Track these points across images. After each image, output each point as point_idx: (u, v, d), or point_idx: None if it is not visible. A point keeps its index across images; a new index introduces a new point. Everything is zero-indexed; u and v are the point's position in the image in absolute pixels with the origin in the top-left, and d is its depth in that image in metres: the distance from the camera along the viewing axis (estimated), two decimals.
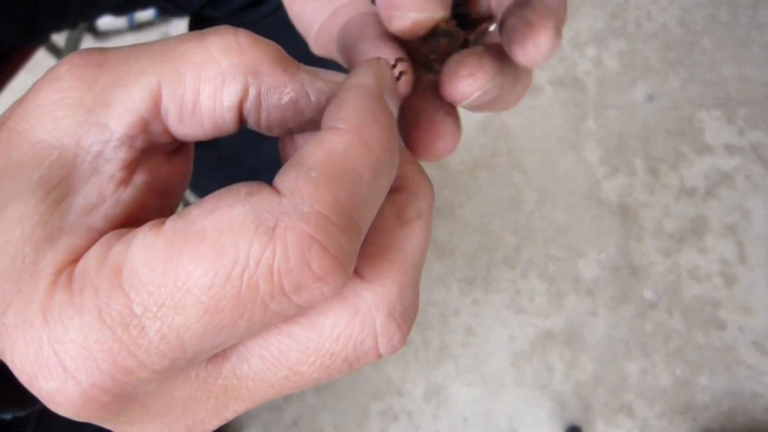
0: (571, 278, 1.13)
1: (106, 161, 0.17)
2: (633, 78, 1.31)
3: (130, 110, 0.17)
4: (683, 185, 1.21)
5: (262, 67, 0.18)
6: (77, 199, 0.17)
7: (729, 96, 1.29)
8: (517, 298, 1.11)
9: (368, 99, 0.17)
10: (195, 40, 0.18)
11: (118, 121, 0.17)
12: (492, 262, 1.14)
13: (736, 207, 1.19)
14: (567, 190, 1.20)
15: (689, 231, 1.17)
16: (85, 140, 0.17)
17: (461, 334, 1.09)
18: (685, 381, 1.05)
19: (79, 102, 0.17)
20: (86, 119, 0.17)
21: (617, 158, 1.23)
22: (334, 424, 1.04)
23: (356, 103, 0.17)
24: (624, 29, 1.36)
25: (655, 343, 1.08)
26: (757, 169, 1.22)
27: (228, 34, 0.18)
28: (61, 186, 0.17)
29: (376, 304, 0.17)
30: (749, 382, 1.05)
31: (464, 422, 1.03)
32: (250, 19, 0.64)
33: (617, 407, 1.04)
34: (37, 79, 0.18)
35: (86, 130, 0.17)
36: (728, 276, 1.13)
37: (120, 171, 0.17)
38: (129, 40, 1.35)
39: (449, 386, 1.05)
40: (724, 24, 1.36)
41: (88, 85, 0.17)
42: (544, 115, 1.27)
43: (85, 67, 0.17)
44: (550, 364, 1.07)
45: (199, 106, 0.18)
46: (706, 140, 1.25)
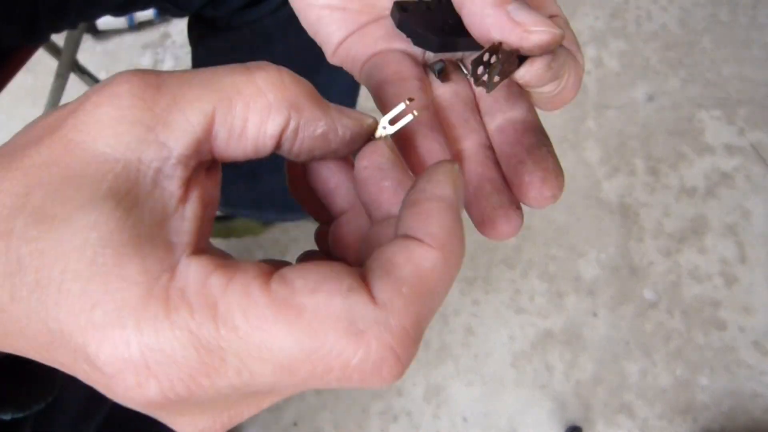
0: (571, 278, 1.13)
1: (165, 178, 0.19)
2: (633, 78, 1.31)
3: (187, 132, 0.19)
4: (683, 185, 1.21)
5: (302, 102, 0.20)
6: (145, 210, 0.18)
7: (729, 96, 1.29)
8: (517, 298, 1.11)
9: (451, 216, 0.19)
10: (243, 73, 0.20)
11: (177, 142, 0.19)
12: (492, 262, 1.14)
13: (736, 207, 1.19)
14: (567, 190, 1.19)
15: (689, 231, 1.17)
16: (146, 156, 0.18)
17: (461, 334, 1.09)
18: (685, 381, 1.05)
19: (139, 120, 0.18)
20: (147, 137, 0.18)
21: (617, 158, 1.23)
22: (334, 424, 1.04)
23: (441, 219, 0.19)
24: (624, 29, 1.36)
25: (655, 343, 1.08)
26: (757, 169, 1.22)
27: (272, 70, 0.20)
28: (129, 197, 0.18)
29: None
30: (749, 382, 1.05)
31: (464, 422, 1.03)
32: (250, 18, 0.64)
33: (617, 407, 1.04)
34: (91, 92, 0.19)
35: (147, 146, 0.18)
36: (728, 276, 1.13)
37: (179, 188, 0.19)
38: (129, 39, 1.35)
39: (449, 386, 1.05)
40: (724, 24, 1.36)
41: (148, 105, 0.18)
42: (544, 115, 1.26)
43: (146, 88, 0.19)
44: (550, 364, 1.07)
45: (245, 133, 0.20)
46: (706, 140, 1.25)
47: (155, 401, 0.17)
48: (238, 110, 0.19)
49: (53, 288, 0.17)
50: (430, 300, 0.18)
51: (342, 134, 0.22)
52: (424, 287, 0.18)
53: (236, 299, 0.17)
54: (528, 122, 0.27)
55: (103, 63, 1.33)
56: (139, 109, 0.18)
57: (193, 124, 0.19)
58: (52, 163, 0.18)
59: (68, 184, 0.18)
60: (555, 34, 0.23)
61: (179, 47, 1.35)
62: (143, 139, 0.18)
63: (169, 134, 0.19)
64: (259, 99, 0.20)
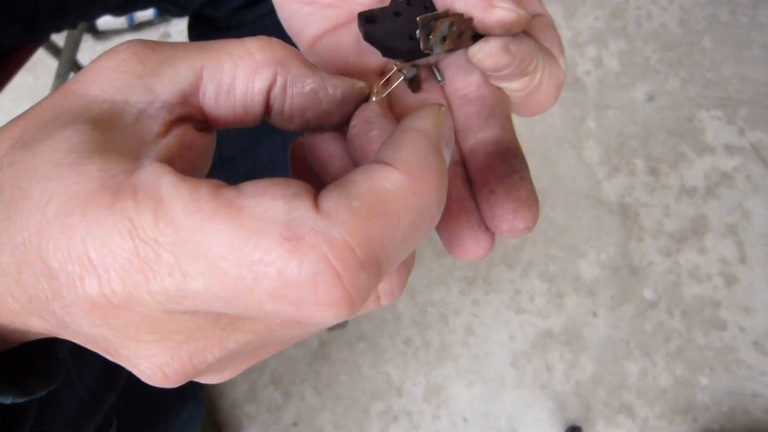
0: (571, 278, 1.13)
1: (147, 117, 0.20)
2: (633, 78, 1.31)
3: (174, 82, 0.20)
4: (683, 185, 1.21)
5: (289, 61, 0.21)
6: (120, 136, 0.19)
7: (729, 96, 1.29)
8: (517, 298, 1.11)
9: (427, 145, 0.18)
10: (234, 40, 0.21)
11: (163, 89, 0.20)
12: (492, 262, 1.14)
13: (736, 207, 1.19)
14: (567, 190, 1.20)
15: (689, 231, 1.17)
16: (132, 98, 0.20)
17: (461, 334, 1.09)
18: (685, 381, 1.05)
19: (131, 70, 0.20)
20: (136, 83, 0.20)
21: (617, 158, 1.23)
22: (334, 424, 1.04)
23: (414, 146, 0.18)
24: (624, 29, 1.36)
25: (655, 343, 1.08)
26: (757, 169, 1.22)
27: (263, 37, 0.21)
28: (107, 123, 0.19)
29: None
30: (749, 382, 1.05)
31: (464, 422, 1.03)
32: (250, 18, 0.64)
33: (617, 407, 1.04)
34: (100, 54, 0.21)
35: (135, 90, 0.20)
36: (728, 276, 1.13)
37: (160, 126, 0.20)
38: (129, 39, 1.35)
39: (449, 386, 1.05)
40: (724, 24, 1.36)
41: (141, 59, 0.20)
42: (544, 115, 1.26)
43: (142, 46, 0.20)
44: (550, 364, 1.07)
45: (233, 89, 0.21)
46: (706, 140, 1.25)
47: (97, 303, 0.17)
48: (226, 67, 0.21)
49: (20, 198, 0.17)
50: (388, 224, 0.16)
51: (332, 93, 0.22)
52: (381, 207, 0.16)
53: (181, 195, 0.16)
54: (502, 143, 0.25)
55: None
56: (134, 62, 0.20)
57: (181, 75, 0.20)
58: (47, 108, 0.20)
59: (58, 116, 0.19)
60: (520, 15, 0.22)
61: None
62: (132, 85, 0.20)
63: (156, 82, 0.20)
64: (246, 57, 0.21)
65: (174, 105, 0.20)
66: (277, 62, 0.21)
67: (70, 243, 0.16)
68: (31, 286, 0.18)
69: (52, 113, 0.19)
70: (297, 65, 0.21)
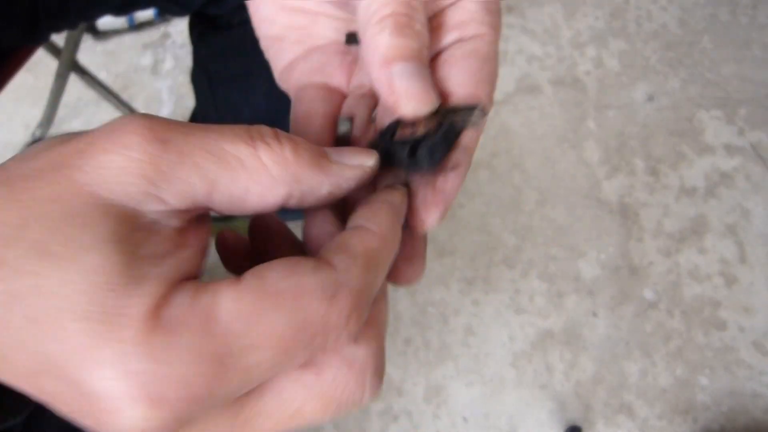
0: (571, 278, 1.13)
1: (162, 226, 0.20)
2: (633, 78, 1.31)
3: (187, 193, 0.20)
4: (683, 185, 1.21)
5: (303, 174, 0.22)
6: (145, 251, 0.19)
7: (729, 96, 1.29)
8: (517, 298, 1.11)
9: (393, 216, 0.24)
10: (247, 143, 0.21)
11: (176, 199, 0.20)
12: (492, 262, 1.14)
13: (736, 207, 1.19)
14: (567, 190, 1.20)
15: (689, 231, 1.17)
16: (144, 207, 0.19)
17: (461, 334, 1.09)
18: (685, 381, 1.05)
19: (144, 174, 0.19)
20: (148, 190, 0.19)
21: (617, 158, 1.23)
22: (334, 423, 1.04)
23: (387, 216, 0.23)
24: (624, 29, 1.36)
25: (655, 343, 1.08)
26: (757, 169, 1.22)
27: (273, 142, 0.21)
28: (129, 240, 0.19)
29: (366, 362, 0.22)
30: (749, 382, 1.05)
31: (464, 422, 1.03)
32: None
33: (617, 407, 1.04)
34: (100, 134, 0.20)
35: (147, 199, 0.19)
36: (728, 276, 1.13)
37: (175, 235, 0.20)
38: (129, 39, 1.35)
39: (449, 386, 1.05)
40: (724, 24, 1.36)
41: (153, 160, 0.19)
42: (544, 115, 1.27)
43: (153, 141, 0.20)
44: (550, 364, 1.07)
45: (246, 202, 0.21)
46: (706, 140, 1.25)
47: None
48: (241, 182, 0.21)
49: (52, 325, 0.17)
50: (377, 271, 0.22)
51: (347, 187, 0.24)
52: (372, 261, 0.22)
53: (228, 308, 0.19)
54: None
55: (103, 63, 1.33)
56: (145, 163, 0.19)
57: (194, 186, 0.20)
58: (53, 199, 0.19)
59: (69, 223, 0.18)
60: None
61: (179, 47, 1.35)
62: (145, 192, 0.19)
63: (169, 192, 0.20)
64: (262, 173, 0.21)
65: (185, 213, 0.21)
66: (293, 178, 0.22)
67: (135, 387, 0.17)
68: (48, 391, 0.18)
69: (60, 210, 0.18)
70: (311, 176, 0.22)
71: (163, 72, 1.32)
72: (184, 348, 0.18)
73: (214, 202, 0.21)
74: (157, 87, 1.31)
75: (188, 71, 0.91)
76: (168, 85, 1.31)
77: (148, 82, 1.31)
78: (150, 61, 1.34)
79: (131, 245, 0.19)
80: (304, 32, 0.31)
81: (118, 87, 1.28)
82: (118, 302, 0.18)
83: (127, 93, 1.29)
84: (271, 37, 0.31)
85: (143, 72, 1.32)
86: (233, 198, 0.21)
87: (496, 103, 1.27)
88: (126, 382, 0.17)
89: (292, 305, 0.19)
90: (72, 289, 0.17)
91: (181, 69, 1.32)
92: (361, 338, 0.22)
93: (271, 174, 0.21)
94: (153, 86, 1.31)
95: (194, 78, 0.80)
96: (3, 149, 1.24)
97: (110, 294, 0.18)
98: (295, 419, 0.21)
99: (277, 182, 0.21)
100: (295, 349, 0.19)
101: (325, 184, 0.23)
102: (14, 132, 1.25)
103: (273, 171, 0.21)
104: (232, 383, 0.18)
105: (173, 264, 0.20)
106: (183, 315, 0.18)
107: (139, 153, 0.19)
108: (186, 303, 0.18)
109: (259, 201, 0.21)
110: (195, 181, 0.20)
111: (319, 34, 0.31)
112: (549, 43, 1.35)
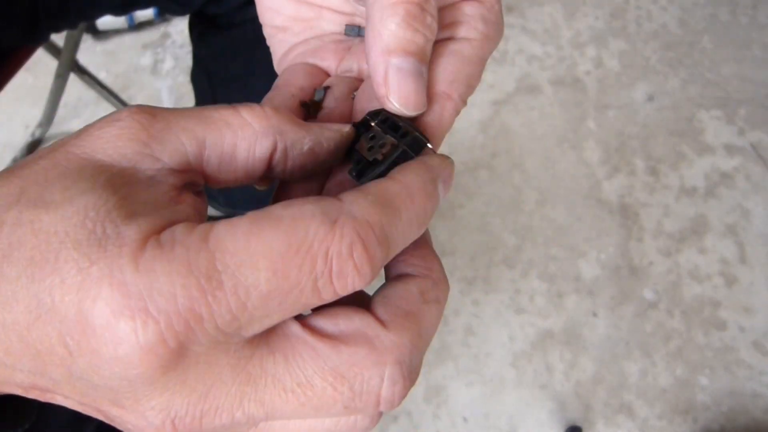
0: (571, 278, 1.13)
1: (158, 182, 0.20)
2: (633, 78, 1.31)
3: (180, 152, 0.21)
4: (683, 185, 1.21)
5: (285, 126, 0.23)
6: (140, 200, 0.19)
7: (729, 96, 1.29)
8: (517, 298, 1.11)
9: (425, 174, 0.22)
10: (230, 109, 0.22)
11: (169, 159, 0.21)
12: (492, 262, 1.14)
13: (736, 207, 1.19)
14: (567, 190, 1.20)
15: (689, 231, 1.17)
16: (140, 165, 0.20)
17: (461, 334, 1.09)
18: (685, 381, 1.05)
19: (136, 137, 0.20)
20: (143, 150, 0.20)
21: (617, 158, 1.23)
22: None
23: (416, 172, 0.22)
24: (624, 29, 1.36)
25: (655, 343, 1.08)
26: (757, 169, 1.22)
27: (255, 106, 0.23)
28: (124, 189, 0.19)
29: (390, 349, 0.20)
30: (749, 382, 1.05)
31: (464, 422, 1.03)
32: (251, 15, 0.64)
33: (617, 407, 1.04)
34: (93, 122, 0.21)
35: (142, 158, 0.20)
36: (728, 276, 1.13)
37: (172, 190, 0.21)
38: (129, 39, 1.35)
39: (449, 386, 1.05)
40: (724, 24, 1.36)
41: (144, 126, 0.20)
42: (544, 115, 1.27)
43: (141, 113, 0.21)
44: (550, 364, 1.07)
45: (235, 158, 0.22)
46: (706, 140, 1.25)
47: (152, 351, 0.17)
48: (228, 138, 0.22)
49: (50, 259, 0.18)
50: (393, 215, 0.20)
51: (327, 146, 0.24)
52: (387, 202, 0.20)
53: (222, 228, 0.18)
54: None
55: (103, 63, 1.33)
56: (137, 129, 0.20)
57: (185, 145, 0.21)
58: (50, 167, 0.19)
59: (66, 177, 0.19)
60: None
61: (179, 47, 1.35)
62: (139, 152, 0.20)
63: (162, 151, 0.21)
64: (246, 128, 0.22)
65: (179, 173, 0.21)
66: (275, 130, 0.22)
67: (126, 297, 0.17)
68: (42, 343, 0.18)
69: (56, 172, 0.19)
70: (293, 129, 0.23)
71: (162, 72, 1.32)
72: (177, 260, 0.17)
73: (207, 161, 0.22)
74: (156, 87, 1.31)
75: (188, 71, 0.91)
76: (168, 85, 1.31)
77: (148, 82, 1.31)
78: (150, 61, 1.34)
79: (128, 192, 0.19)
80: (308, 25, 0.31)
81: (118, 87, 1.28)
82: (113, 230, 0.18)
83: (127, 93, 1.29)
84: (275, 26, 0.32)
85: (143, 72, 1.32)
86: (224, 155, 0.22)
87: (497, 103, 1.27)
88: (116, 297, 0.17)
89: (289, 226, 0.18)
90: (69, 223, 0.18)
91: (181, 69, 1.32)
92: (391, 324, 0.21)
93: (255, 128, 0.22)
94: (153, 86, 1.31)
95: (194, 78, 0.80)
96: (3, 149, 1.24)
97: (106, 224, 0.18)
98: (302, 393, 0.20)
99: (262, 134, 0.22)
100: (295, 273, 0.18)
101: (307, 139, 0.23)
102: (14, 132, 1.25)
103: (256, 125, 0.22)
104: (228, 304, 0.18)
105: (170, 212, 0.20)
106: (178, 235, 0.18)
107: (130, 122, 0.20)
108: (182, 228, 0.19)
109: (248, 156, 0.22)
110: (185, 140, 0.21)
111: (323, 28, 0.31)
112: (549, 43, 1.35)
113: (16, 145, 1.22)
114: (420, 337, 0.21)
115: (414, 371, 0.21)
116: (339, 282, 0.19)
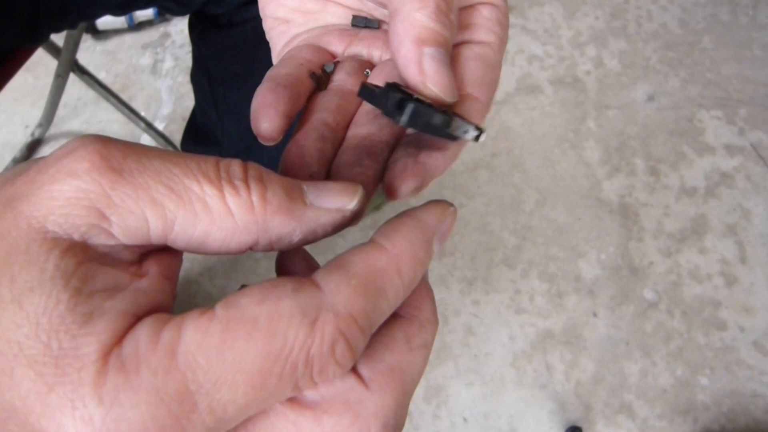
0: (571, 278, 1.13)
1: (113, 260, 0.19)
2: (633, 78, 1.31)
3: (140, 230, 0.18)
4: (683, 185, 1.21)
5: (273, 221, 0.20)
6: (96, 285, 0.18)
7: (729, 96, 1.29)
8: (517, 298, 1.11)
9: (419, 237, 0.20)
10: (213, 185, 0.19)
11: (126, 236, 0.18)
12: (492, 262, 1.14)
13: (736, 207, 1.19)
14: (567, 190, 1.20)
15: (689, 231, 1.17)
16: (93, 241, 0.18)
17: (461, 334, 1.09)
18: (686, 381, 1.05)
19: (93, 206, 0.18)
20: (98, 223, 0.18)
21: (617, 158, 1.23)
22: None
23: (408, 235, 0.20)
24: (624, 29, 1.36)
25: (655, 343, 1.08)
26: (757, 169, 1.22)
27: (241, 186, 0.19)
28: (77, 274, 0.17)
29: (375, 414, 0.19)
30: (750, 382, 1.05)
31: (464, 422, 1.03)
32: (251, 15, 0.64)
33: (617, 407, 1.04)
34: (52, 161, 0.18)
35: (97, 233, 0.18)
36: (728, 276, 1.13)
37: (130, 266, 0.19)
38: (129, 39, 1.35)
39: (449, 386, 1.05)
40: (724, 24, 1.36)
41: (104, 192, 0.18)
42: (544, 115, 1.27)
43: (105, 171, 0.18)
44: (551, 364, 1.07)
45: (206, 244, 0.20)
46: (706, 140, 1.25)
47: None
48: (202, 224, 0.19)
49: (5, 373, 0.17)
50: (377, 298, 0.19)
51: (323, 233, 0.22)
52: (372, 284, 0.19)
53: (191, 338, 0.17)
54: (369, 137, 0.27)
55: (103, 63, 1.33)
56: (95, 195, 0.18)
57: (149, 222, 0.18)
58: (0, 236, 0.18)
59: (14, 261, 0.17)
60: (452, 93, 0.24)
61: (179, 47, 1.35)
62: (94, 225, 0.18)
63: (120, 226, 0.18)
64: (226, 220, 0.19)
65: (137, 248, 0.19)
66: (259, 227, 0.19)
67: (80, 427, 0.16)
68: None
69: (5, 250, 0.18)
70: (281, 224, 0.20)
71: (162, 72, 1.32)
72: (143, 388, 0.16)
73: (171, 240, 0.19)
74: (156, 87, 1.31)
75: (188, 71, 0.91)
76: (168, 85, 1.31)
77: (148, 82, 1.31)
78: (150, 61, 1.33)
79: (80, 280, 0.17)
80: (312, 17, 0.31)
81: (118, 87, 1.28)
82: (70, 343, 0.16)
83: (127, 93, 1.29)
84: (277, 18, 0.31)
85: (143, 72, 1.32)
86: (192, 239, 0.19)
87: (496, 103, 1.27)
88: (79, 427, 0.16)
89: (266, 333, 0.17)
90: (21, 333, 0.17)
91: (181, 69, 1.32)
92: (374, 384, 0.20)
93: (236, 221, 0.19)
94: (152, 86, 1.31)
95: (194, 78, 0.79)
96: (3, 149, 1.24)
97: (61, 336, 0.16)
98: None
99: (242, 230, 0.19)
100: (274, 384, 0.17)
101: (297, 232, 0.20)
102: (14, 132, 1.25)
103: (238, 217, 0.19)
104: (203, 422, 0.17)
105: (130, 297, 0.18)
106: (142, 352, 0.17)
107: (88, 183, 0.18)
108: (146, 339, 0.17)
109: (221, 246, 0.20)
110: (150, 216, 0.18)
111: (327, 20, 0.30)
112: (549, 43, 1.34)
113: (16, 145, 1.22)
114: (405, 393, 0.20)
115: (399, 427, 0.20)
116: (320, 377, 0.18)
